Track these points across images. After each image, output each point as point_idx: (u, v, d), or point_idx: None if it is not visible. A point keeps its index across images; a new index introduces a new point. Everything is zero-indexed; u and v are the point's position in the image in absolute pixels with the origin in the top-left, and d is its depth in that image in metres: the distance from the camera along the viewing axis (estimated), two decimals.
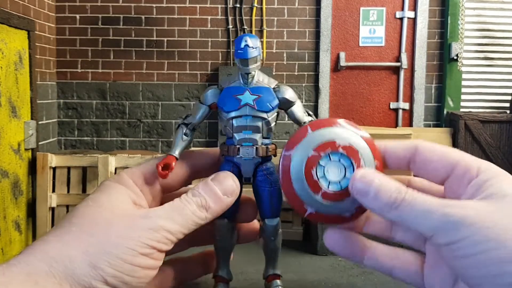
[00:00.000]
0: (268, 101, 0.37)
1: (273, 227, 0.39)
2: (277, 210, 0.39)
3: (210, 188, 0.34)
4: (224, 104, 0.37)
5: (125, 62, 2.65)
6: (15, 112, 2.10)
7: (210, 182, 0.34)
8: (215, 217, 0.34)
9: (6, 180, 2.02)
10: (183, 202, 0.33)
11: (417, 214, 0.28)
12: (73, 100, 2.65)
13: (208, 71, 2.65)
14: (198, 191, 0.34)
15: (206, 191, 0.34)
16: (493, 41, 2.68)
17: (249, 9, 2.62)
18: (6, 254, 2.01)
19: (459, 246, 0.27)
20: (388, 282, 1.88)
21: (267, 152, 0.38)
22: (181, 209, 0.32)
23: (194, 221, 0.33)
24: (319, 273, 1.90)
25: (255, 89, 0.37)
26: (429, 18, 2.65)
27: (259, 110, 0.37)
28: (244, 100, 0.37)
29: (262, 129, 0.37)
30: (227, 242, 0.40)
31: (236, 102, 0.37)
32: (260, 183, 0.39)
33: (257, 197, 0.39)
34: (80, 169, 2.27)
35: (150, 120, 2.67)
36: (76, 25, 2.63)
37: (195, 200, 0.33)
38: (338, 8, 2.65)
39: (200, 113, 0.39)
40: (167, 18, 2.63)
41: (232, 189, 0.35)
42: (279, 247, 0.41)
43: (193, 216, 0.32)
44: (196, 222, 0.33)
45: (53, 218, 2.24)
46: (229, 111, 0.37)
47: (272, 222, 0.39)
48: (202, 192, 0.34)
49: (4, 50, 2.00)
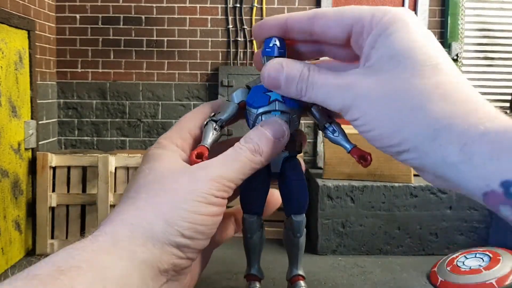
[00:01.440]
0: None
1: (299, 223, 0.39)
2: (304, 206, 0.39)
3: (261, 133, 0.35)
4: (253, 100, 0.38)
5: (125, 62, 2.65)
6: (15, 111, 2.10)
7: (261, 128, 0.36)
8: (268, 161, 0.36)
9: (6, 180, 2.02)
10: (236, 150, 0.34)
11: (322, 96, 0.32)
12: (73, 100, 2.66)
13: (208, 71, 2.65)
14: (250, 137, 0.35)
15: (258, 136, 0.35)
16: (493, 41, 2.68)
17: (249, 9, 2.62)
18: (6, 253, 2.01)
19: (359, 123, 0.30)
20: (388, 282, 1.88)
21: (296, 147, 0.39)
22: (236, 156, 0.34)
23: (250, 166, 0.34)
24: (319, 273, 1.90)
25: None
26: (429, 18, 2.65)
27: (288, 106, 0.37)
28: (273, 96, 0.37)
29: (290, 125, 0.38)
30: (257, 239, 0.41)
31: (265, 98, 0.38)
32: (287, 177, 0.39)
33: (283, 192, 0.40)
34: (80, 169, 2.27)
35: (150, 120, 2.67)
36: (76, 25, 2.63)
37: (248, 146, 0.35)
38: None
39: (230, 110, 0.39)
40: (167, 18, 2.63)
41: (283, 131, 0.36)
42: (304, 245, 0.41)
43: (248, 161, 0.34)
44: (252, 167, 0.34)
45: (53, 218, 2.24)
46: (259, 107, 0.38)
47: (298, 218, 0.39)
48: (254, 138, 0.35)
49: (4, 50, 2.00)
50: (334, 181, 2.16)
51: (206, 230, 0.32)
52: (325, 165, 2.20)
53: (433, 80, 0.28)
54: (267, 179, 0.39)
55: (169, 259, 0.31)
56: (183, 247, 0.31)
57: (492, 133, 0.26)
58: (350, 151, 0.36)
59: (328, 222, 2.14)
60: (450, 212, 2.15)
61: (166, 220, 0.31)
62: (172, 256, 0.31)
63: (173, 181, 0.33)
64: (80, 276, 0.26)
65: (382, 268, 1.99)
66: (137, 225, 0.30)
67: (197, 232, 0.32)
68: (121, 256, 0.29)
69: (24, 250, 2.17)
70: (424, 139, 0.28)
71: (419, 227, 2.16)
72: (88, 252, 0.28)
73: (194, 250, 0.32)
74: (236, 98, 0.39)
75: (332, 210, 2.14)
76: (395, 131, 0.29)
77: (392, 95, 0.29)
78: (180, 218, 0.31)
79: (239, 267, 1.76)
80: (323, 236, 2.15)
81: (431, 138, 0.27)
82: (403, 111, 0.29)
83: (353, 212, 2.15)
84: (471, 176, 0.26)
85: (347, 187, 2.14)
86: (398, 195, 2.14)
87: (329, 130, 0.37)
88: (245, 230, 0.40)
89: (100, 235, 0.30)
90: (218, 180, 0.33)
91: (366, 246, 2.16)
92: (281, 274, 1.52)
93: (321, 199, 2.14)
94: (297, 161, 0.40)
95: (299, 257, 0.41)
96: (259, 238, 0.41)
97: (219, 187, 0.33)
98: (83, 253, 0.28)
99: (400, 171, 2.14)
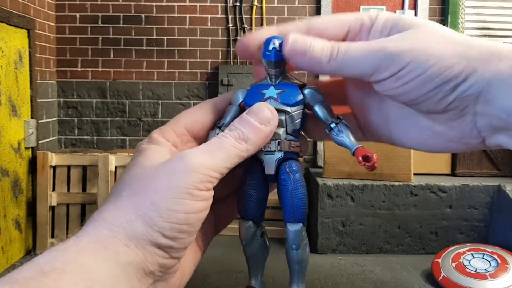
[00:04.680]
0: (292, 95, 0.36)
1: (294, 233, 0.35)
2: (300, 214, 0.35)
3: (245, 120, 0.34)
4: (249, 99, 0.37)
5: (125, 61, 2.65)
6: (15, 111, 2.10)
7: (245, 115, 0.34)
8: (256, 150, 0.34)
9: (6, 179, 2.02)
10: (220, 137, 0.33)
11: (356, 57, 0.31)
12: (73, 99, 2.65)
13: (208, 70, 2.65)
14: (234, 125, 0.34)
15: (241, 123, 0.34)
16: (493, 39, 2.68)
17: (249, 8, 2.61)
18: (6, 252, 2.01)
19: (401, 74, 0.30)
20: (388, 281, 1.89)
21: (290, 147, 0.36)
22: (219, 143, 0.32)
23: (235, 153, 0.32)
24: (319, 272, 1.90)
25: (280, 85, 0.37)
26: (429, 16, 2.65)
27: (282, 103, 0.36)
28: (267, 94, 0.36)
29: (286, 123, 0.36)
30: (256, 248, 0.37)
31: (260, 96, 0.36)
32: (282, 181, 0.36)
33: (279, 197, 0.37)
34: (80, 168, 2.27)
35: (150, 119, 2.67)
36: (76, 24, 2.63)
37: (232, 134, 0.33)
38: (338, 6, 2.65)
39: (232, 113, 0.37)
40: (167, 17, 2.63)
41: (268, 117, 0.34)
42: (304, 259, 0.37)
43: (233, 148, 0.32)
44: (238, 154, 0.33)
45: (53, 217, 2.24)
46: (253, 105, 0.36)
47: (293, 227, 0.35)
48: (237, 125, 0.34)
49: (4, 49, 2.00)
50: (334, 180, 2.16)
51: (190, 229, 0.30)
52: (325, 164, 2.20)
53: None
54: (262, 181, 0.37)
55: (154, 260, 0.29)
56: (166, 248, 0.30)
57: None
58: (353, 152, 0.34)
59: (328, 221, 2.14)
60: (450, 211, 2.15)
61: (145, 221, 0.29)
62: (156, 256, 0.30)
63: (153, 177, 0.31)
64: (63, 278, 0.25)
65: (382, 267, 1.99)
66: (118, 225, 0.29)
67: (181, 231, 0.30)
68: (105, 258, 0.28)
69: (24, 249, 2.18)
70: (480, 63, 0.30)
71: (419, 226, 2.16)
72: (71, 253, 0.27)
73: (179, 250, 0.31)
74: (237, 100, 0.38)
75: (332, 209, 2.14)
76: (455, 62, 0.30)
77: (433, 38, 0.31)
78: (160, 219, 0.29)
79: (239, 267, 1.76)
80: (323, 235, 2.15)
81: (486, 61, 0.30)
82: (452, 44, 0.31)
83: (353, 211, 2.15)
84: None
85: (347, 186, 2.14)
86: (398, 194, 2.14)
87: (334, 131, 0.35)
88: (240, 236, 0.37)
89: (83, 235, 0.29)
90: (200, 171, 0.30)
91: (366, 245, 2.16)
92: (281, 273, 1.52)
93: (321, 198, 2.14)
94: (294, 164, 0.36)
95: (299, 273, 0.37)
96: (258, 247, 0.37)
97: (202, 177, 0.30)
98: (66, 255, 0.27)
99: (400, 170, 2.14)
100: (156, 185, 0.30)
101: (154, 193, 0.30)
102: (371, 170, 0.33)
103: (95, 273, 0.27)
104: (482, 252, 1.87)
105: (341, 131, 0.35)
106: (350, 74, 0.33)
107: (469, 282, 1.71)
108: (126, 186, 0.31)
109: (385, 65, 0.31)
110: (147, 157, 0.33)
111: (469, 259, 1.83)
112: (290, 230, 0.36)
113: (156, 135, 0.35)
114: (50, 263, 0.26)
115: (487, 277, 1.72)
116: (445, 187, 2.13)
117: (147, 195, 0.30)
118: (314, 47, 0.32)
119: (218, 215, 0.39)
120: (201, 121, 0.37)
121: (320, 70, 0.33)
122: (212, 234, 0.39)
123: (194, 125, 0.37)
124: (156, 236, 0.29)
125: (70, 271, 0.26)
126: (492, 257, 1.83)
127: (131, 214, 0.30)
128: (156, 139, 0.35)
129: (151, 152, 0.33)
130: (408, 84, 0.31)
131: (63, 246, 0.28)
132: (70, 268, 0.26)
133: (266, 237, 0.38)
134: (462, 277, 1.74)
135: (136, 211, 0.30)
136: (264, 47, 0.35)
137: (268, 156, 0.36)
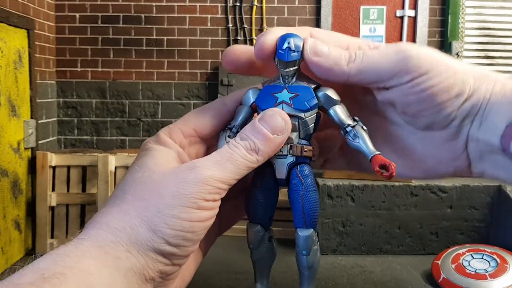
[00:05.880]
0: (305, 99, 0.34)
1: (304, 239, 0.34)
2: (310, 219, 0.35)
3: (257, 129, 0.32)
4: (261, 102, 0.35)
5: (125, 61, 2.64)
6: (15, 111, 2.10)
7: (257, 123, 0.33)
8: (267, 159, 0.33)
9: (6, 179, 2.02)
10: (231, 147, 0.32)
11: (375, 60, 0.31)
12: (72, 99, 2.65)
13: (208, 70, 2.64)
14: (246, 133, 0.33)
15: (253, 132, 0.32)
16: (494, 39, 2.68)
17: (249, 8, 2.61)
18: (6, 253, 2.01)
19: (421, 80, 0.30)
20: (389, 281, 1.88)
21: (302, 151, 0.35)
22: (230, 155, 0.31)
23: (245, 165, 0.32)
24: (320, 272, 1.90)
25: (294, 88, 0.35)
26: (430, 16, 2.65)
27: (295, 109, 0.34)
28: (280, 98, 0.35)
29: (299, 128, 0.35)
30: (263, 253, 0.36)
31: (273, 99, 0.35)
32: (293, 186, 0.35)
33: (290, 202, 0.35)
34: (80, 168, 2.27)
35: (150, 119, 2.66)
36: (76, 24, 2.62)
37: (243, 144, 0.32)
38: (338, 6, 2.65)
39: (243, 114, 0.36)
40: (167, 17, 2.63)
41: (281, 126, 0.33)
42: (314, 264, 0.36)
43: (243, 160, 0.32)
44: (248, 166, 0.32)
45: (53, 217, 2.24)
46: (265, 109, 0.35)
47: (303, 233, 0.34)
48: (249, 135, 0.32)
49: (4, 49, 2.00)
50: (335, 180, 2.16)
51: (195, 237, 0.30)
52: None
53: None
54: (273, 185, 0.36)
55: (155, 266, 0.29)
56: (169, 255, 0.29)
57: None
58: (370, 159, 0.32)
59: (329, 222, 2.14)
60: (450, 211, 2.15)
61: (150, 227, 0.29)
62: (158, 263, 0.29)
63: (160, 183, 0.30)
64: (63, 284, 0.25)
65: (382, 268, 1.99)
66: (121, 230, 0.29)
67: (185, 239, 0.29)
68: (106, 263, 0.27)
69: (24, 250, 2.17)
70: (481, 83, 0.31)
71: (419, 226, 2.16)
72: (72, 257, 0.27)
73: (181, 257, 0.30)
74: (248, 100, 0.36)
75: (332, 210, 2.14)
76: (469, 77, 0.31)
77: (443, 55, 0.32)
78: (166, 225, 0.29)
79: (240, 267, 1.75)
80: (323, 235, 2.14)
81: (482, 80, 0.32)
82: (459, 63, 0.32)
83: (353, 211, 2.14)
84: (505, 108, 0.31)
85: (347, 186, 2.13)
86: (398, 194, 2.14)
87: (350, 135, 0.34)
88: (247, 239, 0.36)
89: (85, 238, 0.28)
90: (209, 182, 0.30)
91: (366, 246, 2.16)
92: (281, 273, 1.52)
93: (321, 199, 2.14)
94: (306, 168, 0.35)
95: (309, 278, 0.36)
96: (265, 251, 0.36)
97: (210, 189, 0.30)
98: (67, 259, 0.27)
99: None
100: (163, 192, 0.30)
101: (161, 199, 0.29)
102: (388, 179, 0.32)
103: (96, 278, 0.26)
104: (482, 252, 1.86)
105: (357, 136, 0.34)
106: (369, 79, 0.32)
107: (469, 283, 1.71)
108: (131, 189, 0.31)
109: (406, 69, 0.30)
110: (154, 160, 0.32)
111: (469, 260, 1.82)
112: (300, 235, 0.35)
113: (164, 135, 0.34)
114: (51, 267, 0.26)
115: (486, 277, 1.71)
116: (445, 188, 2.13)
117: (153, 201, 0.29)
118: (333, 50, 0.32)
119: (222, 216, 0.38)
120: (211, 123, 0.36)
121: (338, 74, 0.32)
122: (216, 235, 0.38)
123: (203, 126, 0.36)
124: (159, 243, 0.29)
125: (71, 276, 0.26)
126: (491, 257, 1.83)
127: (136, 219, 0.29)
128: (163, 140, 0.34)
129: (158, 154, 0.33)
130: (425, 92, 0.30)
131: (64, 250, 0.27)
132: (71, 273, 0.26)
133: (274, 242, 0.37)
134: (461, 278, 1.74)
135: (140, 216, 0.29)
136: (278, 45, 0.34)
137: (280, 160, 0.35)
